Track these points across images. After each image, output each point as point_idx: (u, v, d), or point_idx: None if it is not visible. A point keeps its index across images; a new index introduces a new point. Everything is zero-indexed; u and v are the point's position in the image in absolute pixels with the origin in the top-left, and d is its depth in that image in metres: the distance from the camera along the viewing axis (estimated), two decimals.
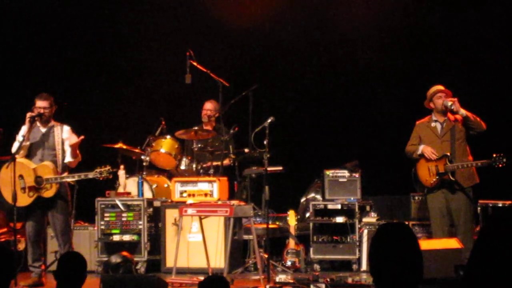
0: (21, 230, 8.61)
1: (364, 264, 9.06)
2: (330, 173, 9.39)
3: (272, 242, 8.75)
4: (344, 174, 9.38)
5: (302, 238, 9.31)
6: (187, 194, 8.86)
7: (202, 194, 8.79)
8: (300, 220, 9.54)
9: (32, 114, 8.12)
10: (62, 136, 8.25)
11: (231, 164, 9.47)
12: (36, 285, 8.07)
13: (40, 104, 8.17)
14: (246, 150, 9.27)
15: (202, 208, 8.23)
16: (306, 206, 9.61)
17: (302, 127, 10.90)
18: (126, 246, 8.96)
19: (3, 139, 9.09)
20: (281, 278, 7.97)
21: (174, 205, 8.89)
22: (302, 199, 9.95)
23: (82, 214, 9.59)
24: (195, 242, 8.75)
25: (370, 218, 9.25)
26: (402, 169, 8.74)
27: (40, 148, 8.21)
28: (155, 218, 9.25)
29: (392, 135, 9.56)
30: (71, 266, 4.56)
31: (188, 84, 9.07)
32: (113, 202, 9.18)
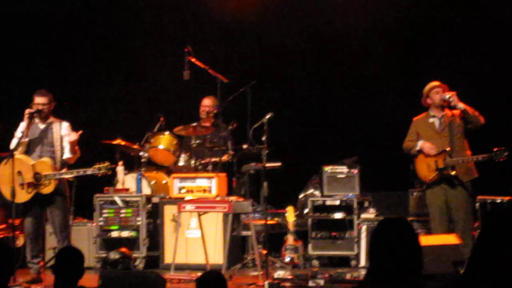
0: (19, 226, 8.59)
1: (362, 260, 9.06)
2: (329, 169, 9.40)
3: (270, 238, 8.77)
4: (342, 170, 9.39)
5: (300, 234, 9.31)
6: (186, 190, 8.85)
7: (201, 190, 8.79)
8: (298, 216, 9.53)
9: (30, 110, 8.09)
10: (61, 132, 8.23)
11: (230, 160, 9.47)
12: (34, 281, 8.04)
13: (38, 100, 8.15)
14: (245, 146, 9.26)
15: (201, 204, 8.23)
16: (305, 202, 9.61)
17: (301, 123, 10.88)
18: (125, 242, 8.95)
19: (2, 135, 9.08)
20: (279, 274, 7.97)
21: (173, 201, 8.90)
22: (300, 195, 9.94)
23: (81, 211, 9.59)
24: (194, 238, 8.76)
25: (368, 214, 9.24)
26: (400, 165, 8.73)
27: (38, 144, 8.19)
28: (154, 214, 9.25)
29: (390, 131, 9.55)
30: (69, 260, 4.57)
31: (186, 80, 9.07)
32: (111, 199, 9.18)
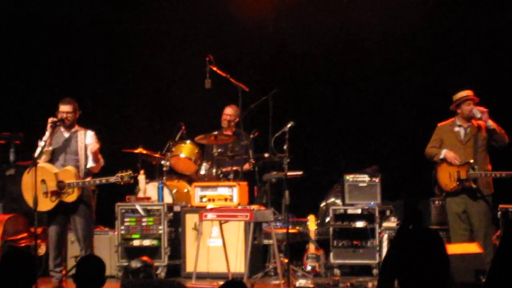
0: (41, 235, 8.64)
1: None
2: (350, 177, 9.39)
3: (292, 247, 8.75)
4: (364, 178, 9.38)
5: (322, 242, 9.31)
6: (207, 199, 8.83)
7: (222, 199, 8.76)
8: (320, 224, 9.53)
9: (53, 119, 8.08)
10: (86, 141, 8.18)
11: (251, 169, 9.47)
12: None
13: (63, 108, 8.11)
14: (266, 155, 9.28)
15: (222, 213, 8.23)
16: (326, 210, 9.60)
17: (322, 132, 10.88)
18: (146, 251, 8.98)
19: (25, 144, 9.15)
20: (301, 283, 7.97)
21: (194, 210, 8.89)
22: (322, 204, 9.93)
23: (102, 219, 9.62)
24: (215, 247, 8.76)
25: (390, 223, 9.21)
26: (422, 173, 8.70)
27: (62, 153, 8.18)
28: (175, 223, 9.27)
29: (412, 140, 9.53)
30: (90, 269, 4.58)
31: (208, 89, 9.09)
32: (133, 207, 9.21)
